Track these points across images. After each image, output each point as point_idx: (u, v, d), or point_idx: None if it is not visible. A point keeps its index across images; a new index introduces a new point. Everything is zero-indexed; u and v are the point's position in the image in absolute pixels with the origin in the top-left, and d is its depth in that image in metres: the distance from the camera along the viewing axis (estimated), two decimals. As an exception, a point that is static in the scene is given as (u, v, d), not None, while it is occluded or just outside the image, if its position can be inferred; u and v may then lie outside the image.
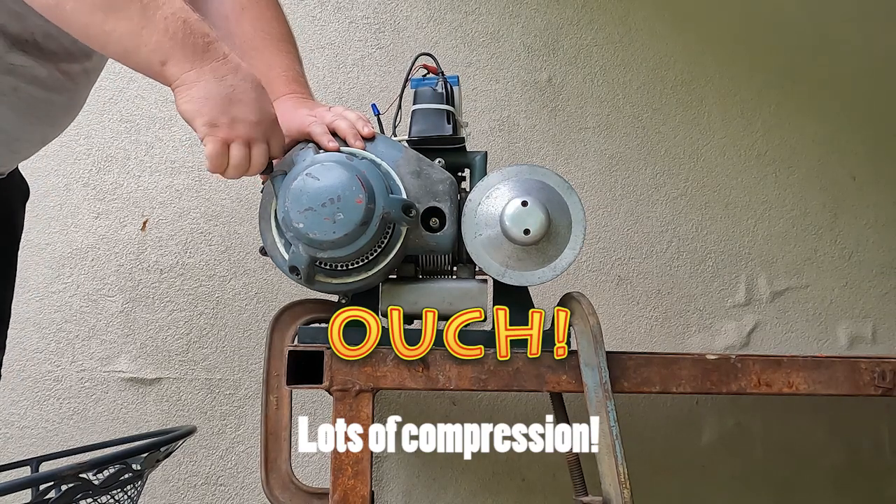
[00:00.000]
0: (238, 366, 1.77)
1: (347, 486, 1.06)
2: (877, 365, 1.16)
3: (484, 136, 1.90)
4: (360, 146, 1.10)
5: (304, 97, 1.17)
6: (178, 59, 0.91)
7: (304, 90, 1.19)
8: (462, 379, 1.10)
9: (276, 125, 0.99)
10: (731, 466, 1.93)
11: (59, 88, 1.10)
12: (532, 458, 1.83)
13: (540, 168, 1.13)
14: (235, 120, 0.94)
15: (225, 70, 0.93)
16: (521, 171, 1.12)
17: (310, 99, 1.19)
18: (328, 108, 1.14)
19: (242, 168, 0.97)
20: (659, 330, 1.94)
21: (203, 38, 0.92)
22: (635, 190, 1.97)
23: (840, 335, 2.02)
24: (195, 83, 0.92)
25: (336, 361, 1.08)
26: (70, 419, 1.71)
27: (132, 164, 1.79)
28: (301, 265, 1.04)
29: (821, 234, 2.04)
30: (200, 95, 0.92)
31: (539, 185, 1.11)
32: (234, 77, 0.94)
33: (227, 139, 0.94)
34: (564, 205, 1.12)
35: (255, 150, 0.97)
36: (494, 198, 1.10)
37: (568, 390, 1.11)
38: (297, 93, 1.16)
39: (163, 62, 0.91)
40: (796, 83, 2.06)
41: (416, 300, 1.15)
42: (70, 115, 1.18)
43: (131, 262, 1.77)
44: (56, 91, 1.09)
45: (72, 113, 1.18)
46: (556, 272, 1.11)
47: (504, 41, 1.94)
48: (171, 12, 0.90)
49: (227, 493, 1.76)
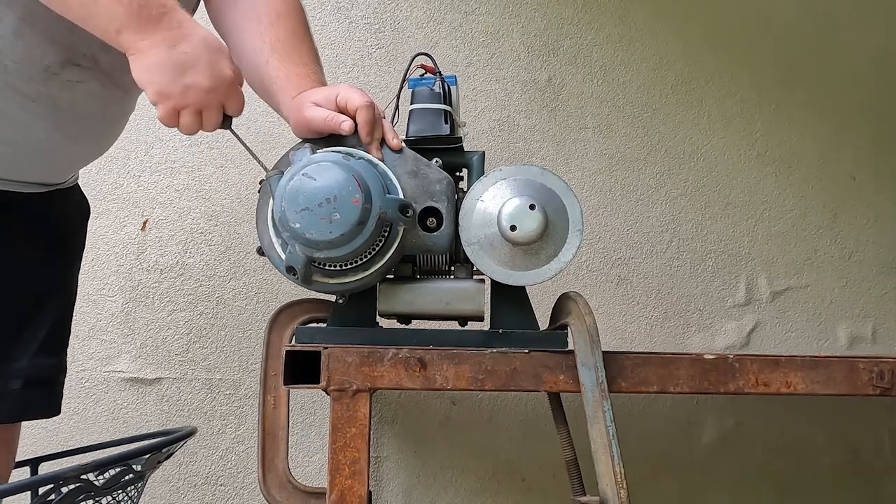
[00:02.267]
0: (238, 366, 1.77)
1: (345, 485, 1.06)
2: (875, 365, 1.16)
3: (484, 136, 1.90)
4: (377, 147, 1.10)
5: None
6: (132, 29, 0.92)
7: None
8: (459, 379, 1.09)
9: (234, 87, 1.00)
10: (731, 466, 1.93)
11: (114, 101, 1.12)
12: (532, 458, 1.85)
13: (538, 168, 1.13)
14: (187, 87, 0.95)
15: (178, 37, 0.94)
16: (518, 170, 1.12)
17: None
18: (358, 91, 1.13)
19: (193, 130, 0.99)
20: (659, 330, 1.94)
21: (158, 8, 0.93)
22: (635, 190, 1.96)
23: (840, 335, 2.01)
24: (147, 51, 0.93)
25: (333, 361, 1.08)
26: (70, 419, 1.71)
27: (132, 164, 1.80)
28: (298, 265, 1.04)
29: (821, 234, 2.04)
30: (152, 64, 0.93)
31: (537, 185, 1.11)
32: (187, 44, 0.95)
33: (177, 107, 0.96)
34: (562, 205, 1.12)
35: (206, 116, 0.99)
36: (492, 198, 1.10)
37: (565, 390, 1.11)
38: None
39: (118, 31, 0.92)
40: (796, 83, 2.06)
41: (413, 300, 1.15)
42: (120, 125, 1.20)
43: (131, 262, 1.78)
44: (111, 103, 1.11)
45: (122, 122, 1.20)
46: (554, 272, 1.11)
47: (504, 41, 1.95)
48: None
49: (227, 493, 1.76)
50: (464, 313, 1.15)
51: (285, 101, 1.13)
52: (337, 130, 1.08)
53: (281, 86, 1.13)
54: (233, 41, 1.19)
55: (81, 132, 1.10)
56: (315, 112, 1.09)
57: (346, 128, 1.08)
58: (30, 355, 1.14)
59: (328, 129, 1.09)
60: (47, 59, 1.01)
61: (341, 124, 1.08)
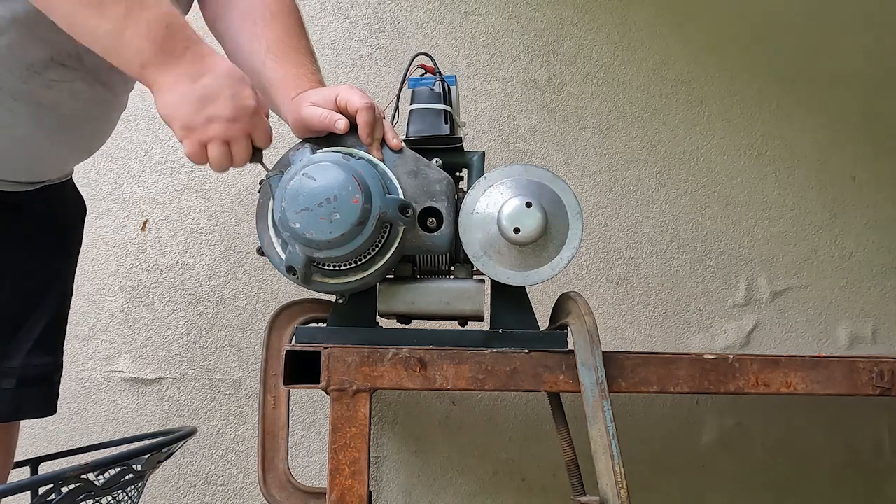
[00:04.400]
0: (238, 366, 1.77)
1: (345, 485, 1.06)
2: (875, 365, 1.16)
3: (484, 136, 1.90)
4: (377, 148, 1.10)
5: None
6: (157, 64, 0.93)
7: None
8: (459, 378, 1.10)
9: (258, 116, 0.99)
10: (731, 466, 1.93)
11: (99, 101, 1.11)
12: (532, 458, 1.85)
13: (538, 168, 1.13)
14: (210, 120, 0.95)
15: (201, 71, 0.94)
16: (518, 170, 1.12)
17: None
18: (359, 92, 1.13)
19: (223, 164, 0.99)
20: (659, 330, 1.94)
21: (183, 43, 0.94)
22: (635, 190, 1.96)
23: (840, 335, 2.01)
24: (172, 87, 0.94)
25: (333, 361, 1.08)
26: (70, 419, 1.71)
27: (132, 164, 1.80)
28: (298, 265, 1.04)
29: (821, 234, 2.04)
30: (176, 99, 0.94)
31: (537, 185, 1.11)
32: (210, 77, 0.95)
33: (202, 140, 0.96)
34: (562, 204, 1.12)
35: (235, 147, 0.98)
36: (486, 206, 1.10)
37: (565, 390, 1.11)
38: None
39: (142, 65, 0.93)
40: (796, 83, 2.06)
41: (414, 300, 1.15)
42: (109, 125, 1.19)
43: (131, 262, 1.78)
44: (96, 103, 1.11)
45: (111, 122, 1.19)
46: (554, 272, 1.11)
47: (504, 41, 1.95)
48: (154, 17, 0.92)
49: (227, 493, 1.76)
50: (464, 313, 1.15)
51: (284, 102, 1.13)
52: (332, 129, 1.08)
53: (279, 87, 1.13)
54: (229, 44, 1.19)
55: (67, 132, 1.09)
56: (312, 110, 1.09)
57: (342, 126, 1.08)
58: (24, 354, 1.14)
59: (324, 127, 1.09)
60: (30, 57, 1.00)
61: (336, 122, 1.08)
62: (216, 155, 0.97)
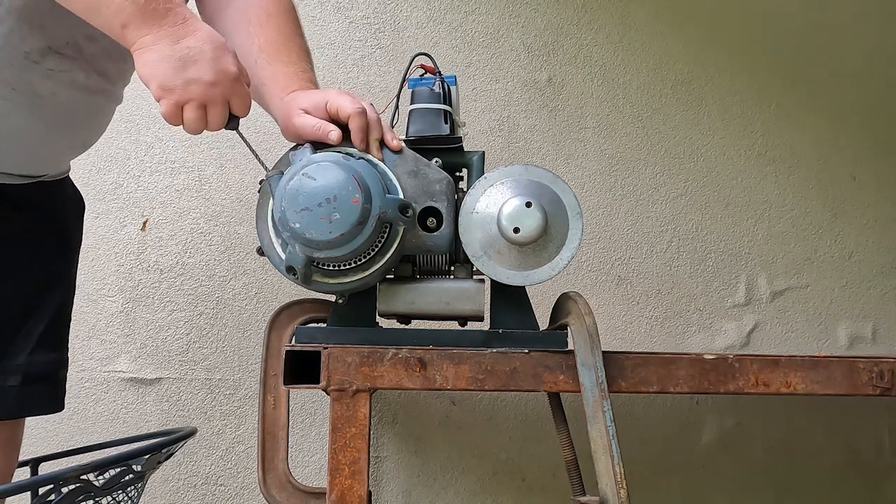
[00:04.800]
0: (238, 366, 1.77)
1: (344, 485, 1.06)
2: (875, 365, 1.16)
3: (484, 136, 1.90)
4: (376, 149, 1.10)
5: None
6: (138, 24, 0.93)
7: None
8: (459, 379, 1.10)
9: (238, 84, 0.99)
10: (731, 466, 1.93)
11: (97, 91, 1.11)
12: (532, 458, 1.85)
13: (538, 168, 1.13)
14: (189, 82, 0.95)
15: (182, 33, 0.94)
16: (518, 170, 1.12)
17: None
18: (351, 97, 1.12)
19: (198, 127, 0.98)
20: (659, 330, 1.94)
21: (165, 4, 0.94)
22: (635, 190, 1.96)
23: (840, 335, 2.01)
24: (151, 47, 0.93)
25: (333, 361, 1.08)
26: (70, 419, 1.71)
27: (132, 164, 1.80)
28: (298, 265, 1.04)
29: (821, 234, 2.04)
30: (155, 59, 0.94)
31: (537, 185, 1.11)
32: (192, 39, 0.95)
33: (179, 101, 0.96)
34: (562, 204, 1.12)
35: (211, 111, 0.98)
36: (486, 206, 1.10)
37: (565, 390, 1.11)
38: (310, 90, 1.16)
39: (123, 25, 0.93)
40: (796, 83, 2.06)
41: (414, 300, 1.15)
42: (107, 116, 1.19)
43: (131, 262, 1.78)
44: (94, 93, 1.11)
45: (108, 113, 1.19)
46: (554, 272, 1.11)
47: (504, 41, 1.95)
48: None
49: (227, 493, 1.76)
50: (464, 313, 1.15)
51: (274, 100, 1.13)
52: (325, 140, 1.08)
53: (269, 85, 1.13)
54: None
55: (64, 122, 1.09)
56: (304, 120, 1.09)
57: (335, 137, 1.08)
58: (28, 351, 1.14)
59: (316, 138, 1.09)
60: (27, 45, 1.00)
61: (329, 134, 1.08)
62: (191, 118, 0.97)
